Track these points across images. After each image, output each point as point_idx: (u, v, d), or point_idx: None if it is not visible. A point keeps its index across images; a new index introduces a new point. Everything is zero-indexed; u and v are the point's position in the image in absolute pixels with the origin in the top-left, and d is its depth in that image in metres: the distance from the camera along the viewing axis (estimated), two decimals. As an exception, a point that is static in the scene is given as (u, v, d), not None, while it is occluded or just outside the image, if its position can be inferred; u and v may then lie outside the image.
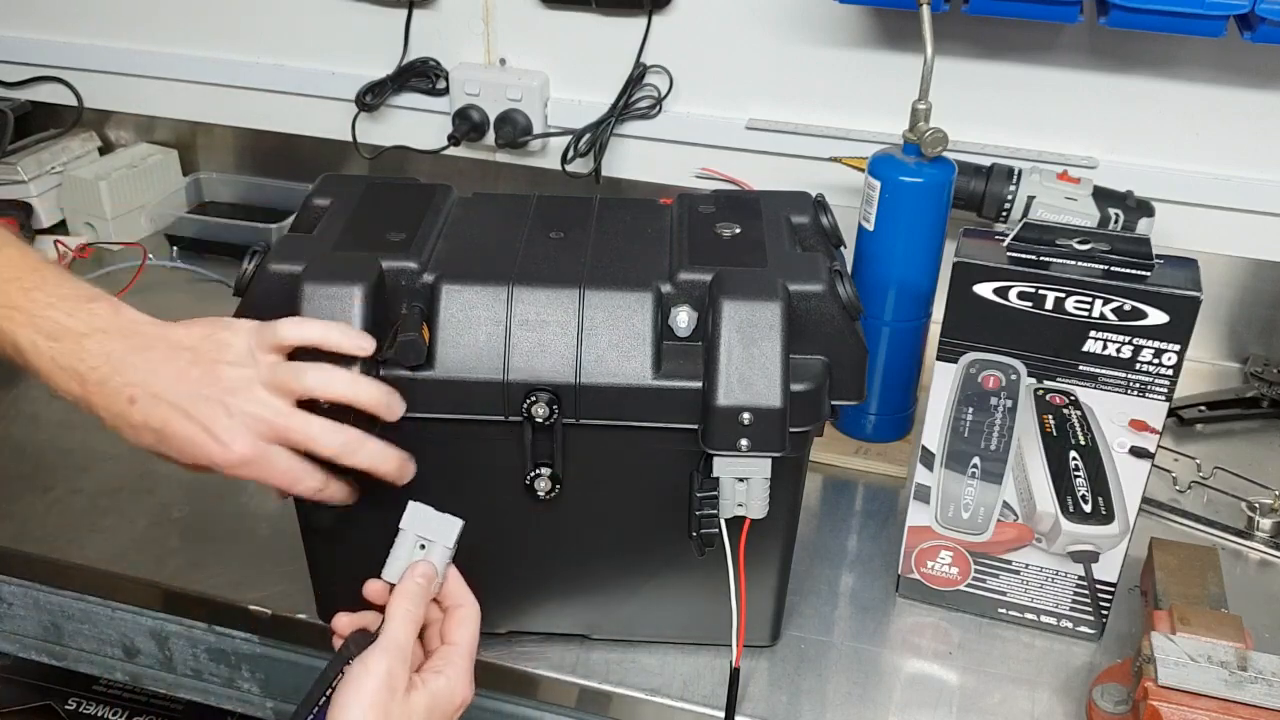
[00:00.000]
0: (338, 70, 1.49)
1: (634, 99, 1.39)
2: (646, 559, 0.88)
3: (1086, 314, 0.83)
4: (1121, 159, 1.28)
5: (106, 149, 1.61)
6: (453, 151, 1.46)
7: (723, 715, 0.86)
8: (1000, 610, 0.97)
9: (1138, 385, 0.85)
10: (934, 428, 0.91)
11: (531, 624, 0.92)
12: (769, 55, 1.34)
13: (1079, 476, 0.89)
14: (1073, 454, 0.88)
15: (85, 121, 1.59)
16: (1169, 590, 0.91)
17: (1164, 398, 0.85)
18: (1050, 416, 0.88)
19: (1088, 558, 0.92)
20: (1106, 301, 0.82)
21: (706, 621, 0.89)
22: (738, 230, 0.86)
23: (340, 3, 1.45)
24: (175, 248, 1.51)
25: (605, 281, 0.80)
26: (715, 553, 0.81)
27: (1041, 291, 0.84)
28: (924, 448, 0.92)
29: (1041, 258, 0.85)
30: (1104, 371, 0.85)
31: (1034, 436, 0.89)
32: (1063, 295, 0.83)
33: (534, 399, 0.78)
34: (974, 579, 0.96)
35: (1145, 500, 0.91)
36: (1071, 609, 0.94)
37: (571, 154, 1.40)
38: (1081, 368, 0.86)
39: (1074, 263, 0.84)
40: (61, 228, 1.53)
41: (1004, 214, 1.20)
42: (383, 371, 0.77)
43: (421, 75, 1.46)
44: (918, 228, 1.07)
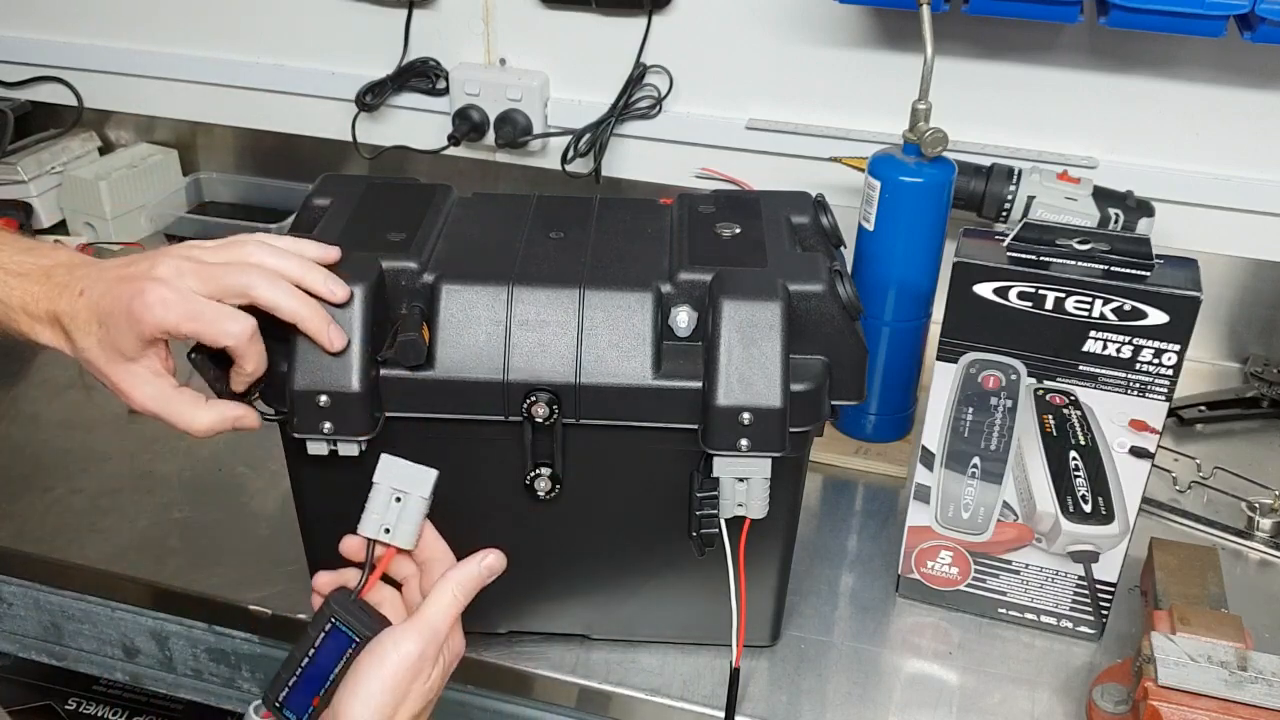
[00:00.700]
0: (338, 70, 1.49)
1: (634, 99, 1.39)
2: (646, 559, 0.88)
3: (1086, 314, 0.83)
4: (1121, 159, 1.28)
5: (106, 149, 1.62)
6: (453, 151, 1.46)
7: (723, 715, 0.86)
8: (1000, 610, 0.97)
9: (1138, 385, 0.85)
10: (934, 428, 0.91)
11: (531, 624, 0.92)
12: (769, 55, 1.34)
13: (1079, 476, 0.89)
14: (1073, 454, 0.88)
15: (85, 121, 1.59)
16: (1169, 590, 0.91)
17: (1164, 398, 0.85)
18: (1050, 416, 0.88)
19: (1088, 558, 0.92)
20: (1106, 301, 0.82)
21: (706, 621, 0.89)
22: (738, 230, 0.86)
23: (340, 3, 1.45)
24: (175, 248, 1.51)
25: (605, 281, 0.80)
26: (715, 553, 0.81)
27: (1041, 291, 0.84)
28: (924, 448, 0.92)
29: (1041, 258, 0.85)
30: (1104, 371, 0.85)
31: (1034, 436, 0.89)
32: (1063, 295, 0.83)
33: (534, 399, 0.78)
34: (974, 579, 0.96)
35: (1145, 500, 0.91)
36: (1071, 609, 0.94)
37: (571, 154, 1.40)
38: (1081, 368, 0.86)
39: (1074, 263, 0.84)
40: (61, 228, 1.53)
41: (1004, 214, 1.20)
42: (383, 372, 0.77)
43: (421, 75, 1.46)
44: (918, 228, 1.07)
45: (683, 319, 0.79)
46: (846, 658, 0.93)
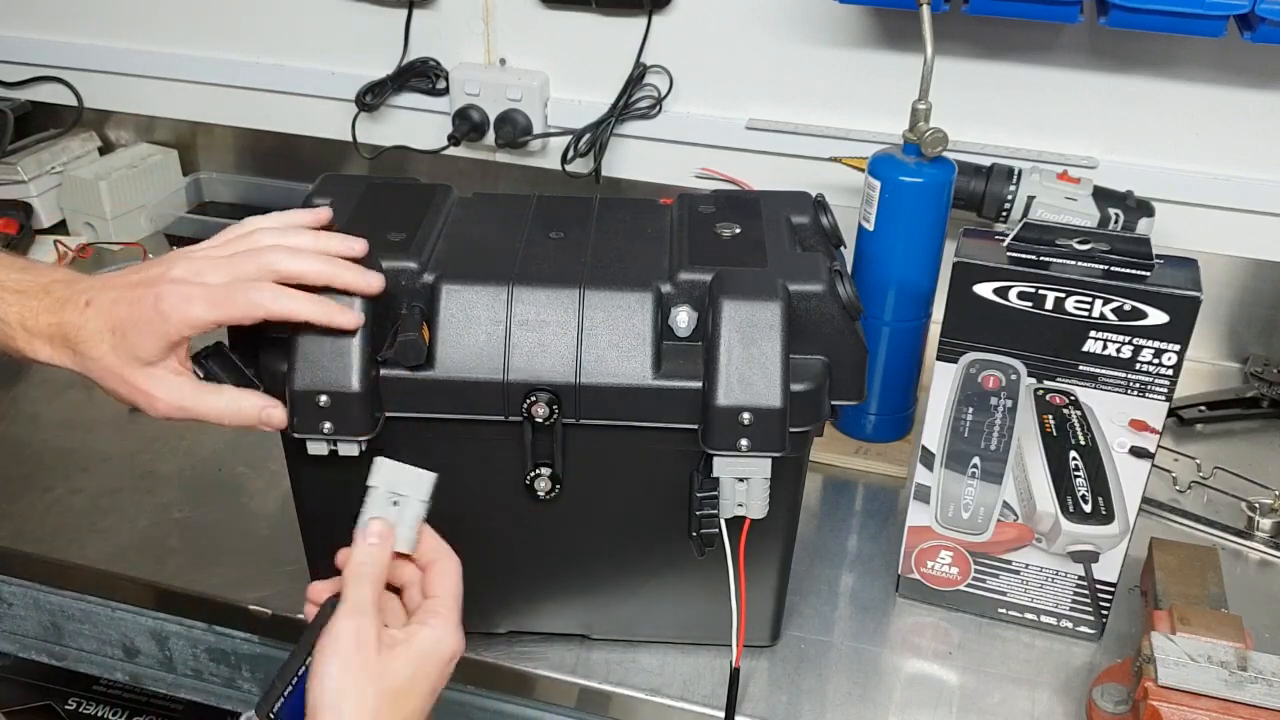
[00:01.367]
0: (338, 70, 1.49)
1: (634, 99, 1.39)
2: (646, 559, 0.88)
3: (1086, 314, 0.83)
4: (1121, 159, 1.28)
5: (106, 149, 1.61)
6: (453, 151, 1.46)
7: (723, 715, 0.86)
8: (1000, 610, 0.97)
9: (1138, 385, 0.85)
10: (934, 428, 0.91)
11: (531, 624, 0.92)
12: (769, 55, 1.34)
13: (1079, 476, 0.89)
14: (1073, 454, 0.88)
15: (85, 121, 1.59)
16: (1169, 590, 0.91)
17: (1164, 398, 0.85)
18: (1050, 416, 0.88)
19: (1088, 558, 0.92)
20: (1106, 301, 0.82)
21: (706, 621, 0.89)
22: (738, 230, 0.86)
23: (340, 3, 1.45)
24: (175, 248, 1.50)
25: (605, 281, 0.80)
26: (715, 553, 0.81)
27: (1041, 291, 0.84)
28: (924, 448, 0.92)
29: (1041, 258, 0.85)
30: (1104, 371, 0.85)
31: (1034, 436, 0.89)
32: (1063, 295, 0.83)
33: (534, 399, 0.78)
34: (974, 579, 0.96)
35: (1145, 500, 0.91)
36: (1071, 609, 0.94)
37: (571, 154, 1.40)
38: (1081, 368, 0.86)
39: (1074, 263, 0.84)
40: (61, 228, 1.53)
41: (1004, 214, 1.20)
42: (383, 372, 0.77)
43: (421, 75, 1.45)
44: (918, 228, 1.07)
45: (683, 319, 0.79)
46: (846, 658, 0.93)
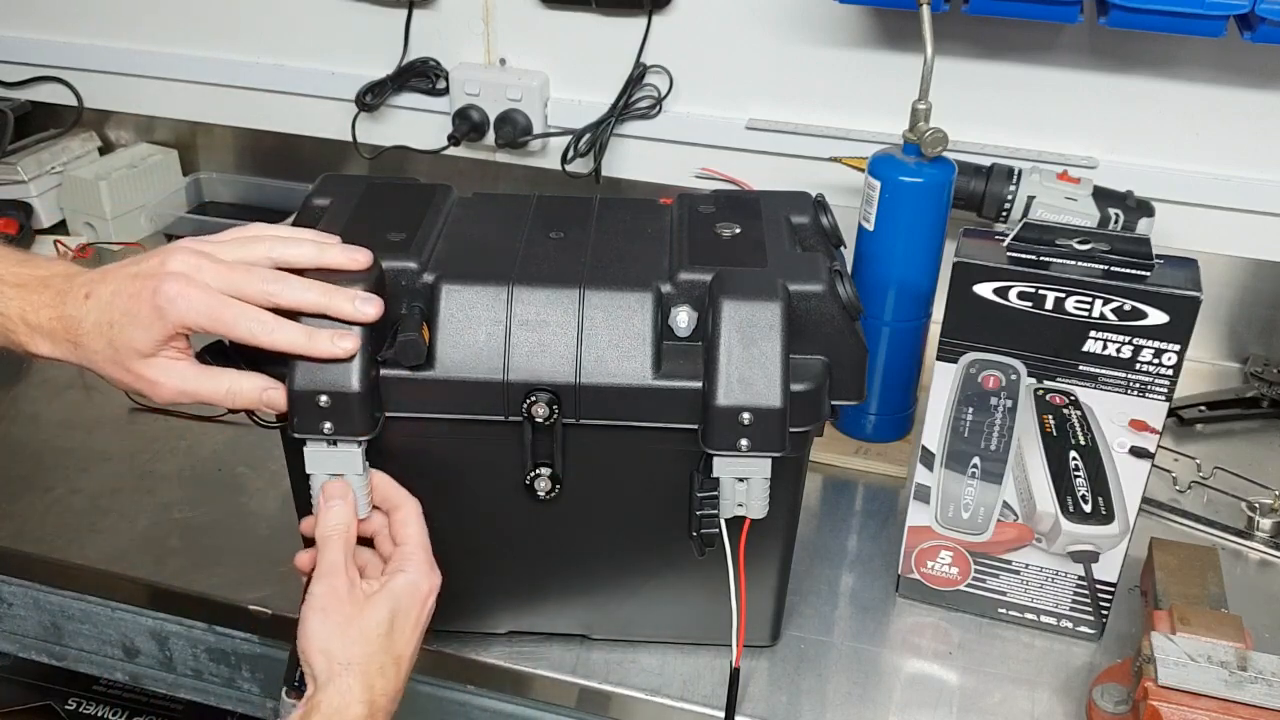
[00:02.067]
0: (338, 70, 1.49)
1: (634, 99, 1.39)
2: (646, 559, 0.88)
3: (1086, 314, 0.83)
4: (1121, 159, 1.28)
5: (106, 149, 1.62)
6: (453, 151, 1.46)
7: (723, 715, 0.86)
8: (1000, 610, 0.97)
9: (1138, 385, 0.85)
10: (934, 428, 0.91)
11: (531, 624, 0.92)
12: (769, 55, 1.34)
13: (1079, 476, 0.89)
14: (1073, 454, 0.88)
15: (85, 121, 1.60)
16: (1169, 590, 0.91)
17: (1164, 398, 0.85)
18: (1050, 416, 0.88)
19: (1088, 558, 0.92)
20: (1106, 301, 0.82)
21: (706, 621, 0.89)
22: (738, 230, 0.86)
23: (340, 3, 1.45)
24: (175, 248, 1.50)
25: (605, 281, 0.80)
26: (715, 553, 0.81)
27: (1041, 291, 0.84)
28: (924, 448, 0.92)
29: (1041, 258, 0.85)
30: (1104, 371, 0.85)
31: (1034, 436, 0.89)
32: (1063, 295, 0.83)
33: (534, 399, 0.78)
34: (974, 579, 0.96)
35: (1145, 500, 0.91)
36: (1071, 609, 0.94)
37: (571, 154, 1.40)
38: (1081, 368, 0.86)
39: (1074, 263, 0.84)
40: (61, 228, 1.53)
41: (1004, 214, 1.20)
42: (383, 372, 0.77)
43: (421, 75, 1.46)
44: (918, 228, 1.07)
45: (683, 319, 0.79)
46: (846, 658, 0.93)
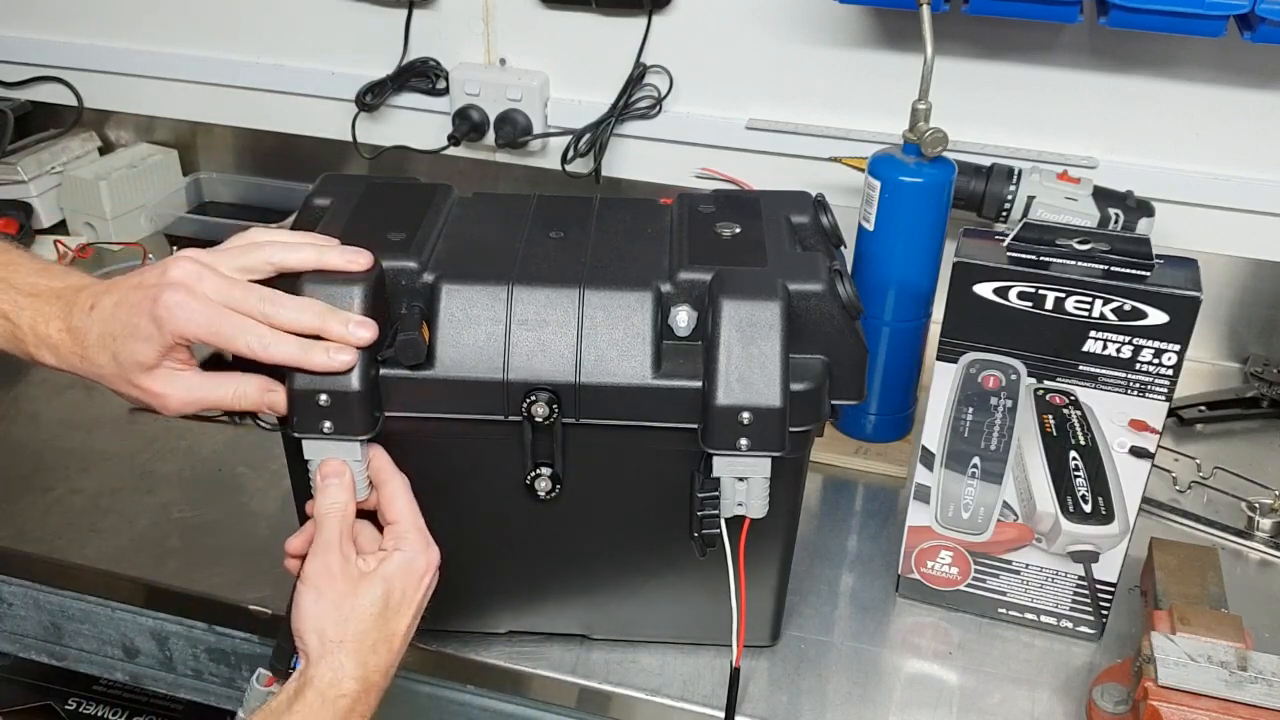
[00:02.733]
0: (338, 70, 1.49)
1: (634, 99, 1.39)
2: (646, 559, 0.88)
3: (1086, 314, 0.83)
4: (1121, 159, 1.28)
5: (106, 149, 1.62)
6: (453, 151, 1.46)
7: (723, 715, 0.86)
8: (1000, 610, 0.96)
9: (1138, 385, 0.85)
10: (934, 428, 0.91)
11: (531, 624, 0.92)
12: (769, 55, 1.34)
13: (1079, 476, 0.89)
14: (1073, 454, 0.88)
15: (85, 121, 1.60)
16: (1169, 590, 0.91)
17: (1164, 398, 0.85)
18: (1050, 416, 0.88)
19: (1088, 558, 0.92)
20: (1106, 301, 0.82)
21: (706, 621, 0.89)
22: (738, 230, 0.86)
23: (340, 3, 1.45)
24: (175, 248, 1.50)
25: (605, 281, 0.80)
26: (715, 553, 0.81)
27: (1041, 291, 0.84)
28: (924, 448, 0.92)
29: (1041, 258, 0.85)
30: (1104, 371, 0.85)
31: (1034, 436, 0.89)
32: (1063, 295, 0.83)
33: (534, 398, 0.78)
34: (974, 579, 0.96)
35: (1145, 500, 0.91)
36: (1071, 609, 0.94)
37: (571, 154, 1.40)
38: (1081, 368, 0.86)
39: (1074, 263, 0.84)
40: (61, 228, 1.53)
41: (1004, 214, 1.20)
42: (383, 371, 0.77)
43: (421, 75, 1.46)
44: (918, 228, 1.07)
45: (682, 319, 0.79)
46: (846, 658, 0.93)
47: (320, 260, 0.77)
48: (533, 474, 0.82)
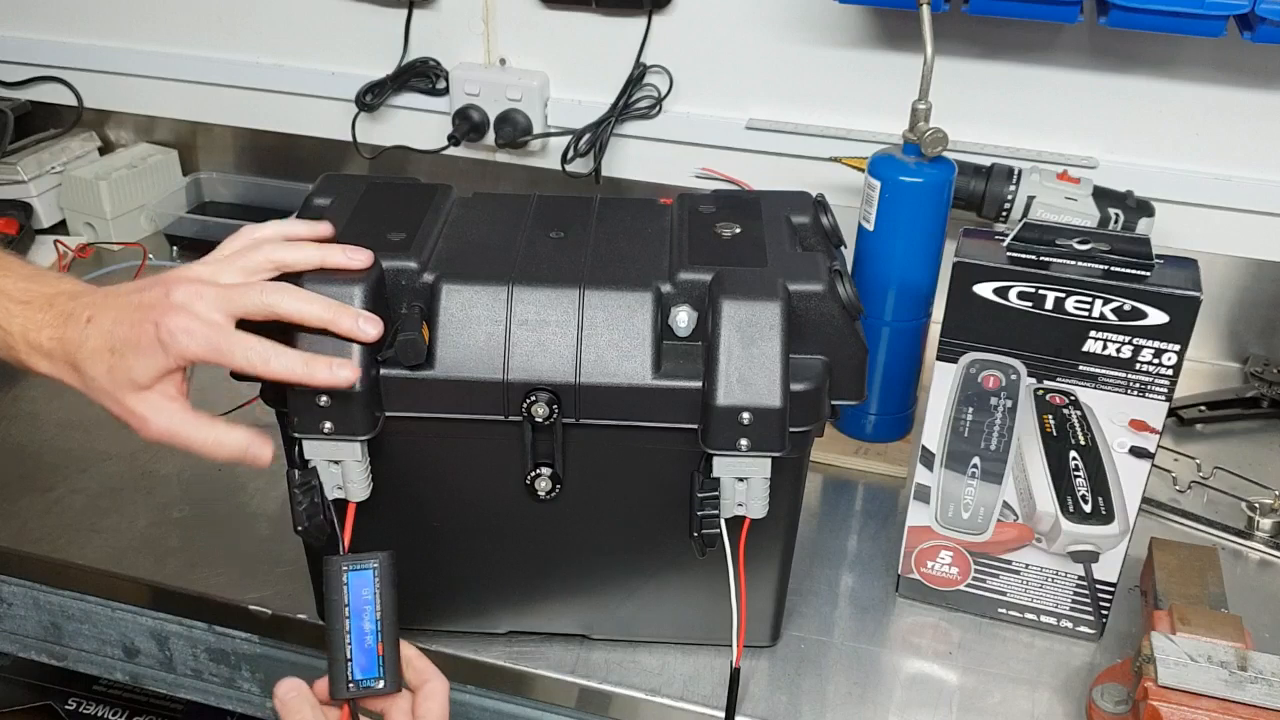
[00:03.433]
0: (338, 70, 1.49)
1: (634, 99, 1.39)
2: (646, 559, 0.88)
3: (1086, 314, 0.83)
4: (1121, 159, 1.28)
5: (106, 149, 1.62)
6: (453, 151, 1.46)
7: (723, 715, 0.86)
8: (1000, 610, 0.97)
9: (1138, 385, 0.85)
10: (934, 428, 0.91)
11: (531, 624, 0.92)
12: (769, 55, 1.34)
13: (1079, 476, 0.89)
14: (1073, 454, 0.88)
15: (85, 121, 1.60)
16: (1169, 590, 0.91)
17: (1164, 398, 0.85)
18: (1050, 416, 0.88)
19: (1088, 558, 0.92)
20: (1106, 301, 0.82)
21: (706, 621, 0.89)
22: (738, 230, 0.86)
23: (340, 3, 1.45)
24: (175, 248, 1.51)
25: (605, 281, 0.80)
26: (715, 553, 0.81)
27: (1041, 291, 0.84)
28: (924, 448, 0.92)
29: (1041, 258, 0.85)
30: (1104, 371, 0.85)
31: (1034, 436, 0.89)
32: (1063, 295, 0.83)
33: (534, 399, 0.78)
34: (974, 579, 0.96)
35: (1145, 500, 0.91)
36: (1071, 609, 0.94)
37: (571, 154, 1.40)
38: (1081, 368, 0.86)
39: (1074, 263, 0.84)
40: (61, 228, 1.53)
41: (1004, 214, 1.20)
42: (383, 371, 0.77)
43: (421, 75, 1.46)
44: (918, 228, 1.07)
45: (683, 319, 0.79)
46: (846, 658, 0.93)
47: (322, 259, 0.77)
48: (533, 474, 0.82)
